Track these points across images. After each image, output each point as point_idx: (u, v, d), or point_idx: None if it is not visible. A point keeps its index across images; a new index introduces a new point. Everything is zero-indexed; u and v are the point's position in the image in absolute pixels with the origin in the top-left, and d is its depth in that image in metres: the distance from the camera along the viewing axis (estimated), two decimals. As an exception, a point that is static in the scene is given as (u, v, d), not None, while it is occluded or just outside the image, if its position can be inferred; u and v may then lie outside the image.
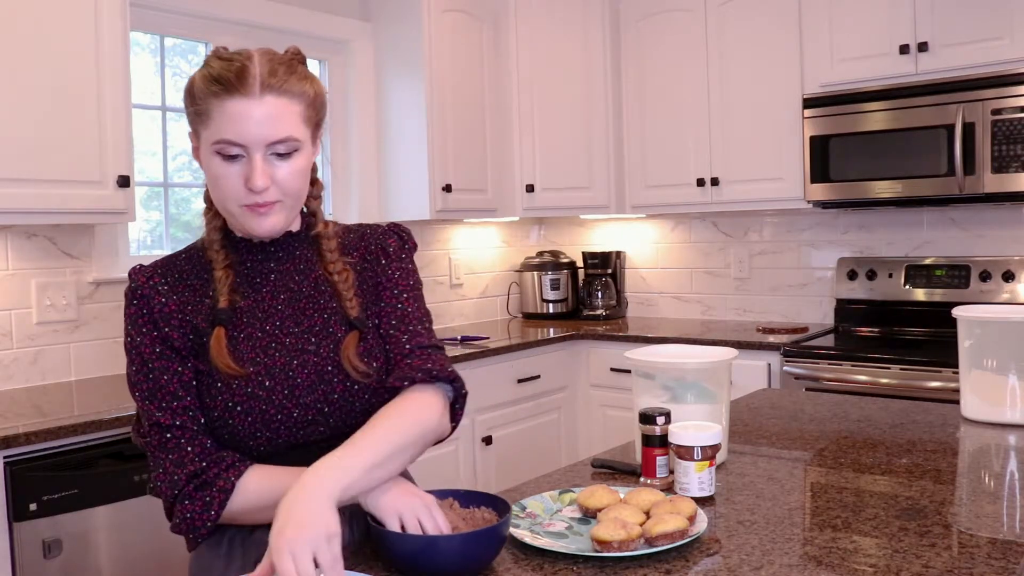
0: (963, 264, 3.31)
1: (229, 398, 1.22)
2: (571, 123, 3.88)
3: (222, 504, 1.18)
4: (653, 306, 4.24)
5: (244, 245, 1.31)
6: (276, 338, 1.26)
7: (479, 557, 1.09)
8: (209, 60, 1.23)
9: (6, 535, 1.93)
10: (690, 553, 1.15)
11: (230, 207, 1.23)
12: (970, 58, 2.99)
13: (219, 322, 1.24)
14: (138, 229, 3.03)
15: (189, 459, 1.20)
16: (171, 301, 1.25)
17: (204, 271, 1.29)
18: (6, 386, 2.55)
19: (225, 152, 1.19)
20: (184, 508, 1.19)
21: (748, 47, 3.51)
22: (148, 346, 1.23)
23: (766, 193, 3.50)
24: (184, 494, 1.19)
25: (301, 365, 1.25)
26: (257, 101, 1.18)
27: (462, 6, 3.59)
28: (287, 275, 1.31)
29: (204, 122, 1.20)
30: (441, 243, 4.01)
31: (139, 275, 1.27)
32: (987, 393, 1.82)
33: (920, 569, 1.07)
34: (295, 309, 1.29)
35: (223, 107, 1.18)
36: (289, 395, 1.24)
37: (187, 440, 1.21)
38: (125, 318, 1.27)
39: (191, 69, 3.19)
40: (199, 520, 1.18)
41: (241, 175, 1.20)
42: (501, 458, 3.33)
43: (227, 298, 1.25)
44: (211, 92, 1.19)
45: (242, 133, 1.18)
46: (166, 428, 1.21)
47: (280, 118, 1.20)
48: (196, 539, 1.22)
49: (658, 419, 1.43)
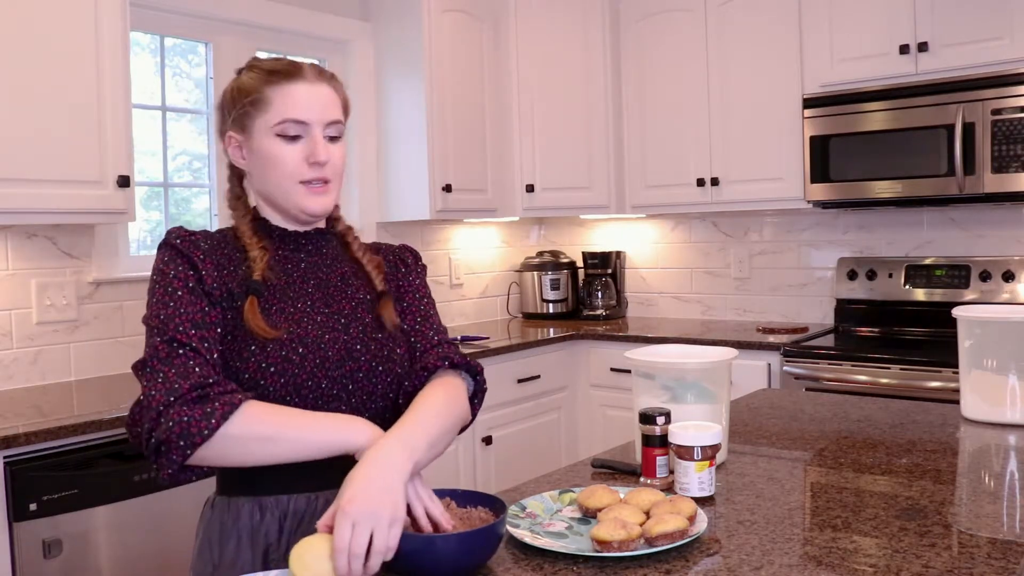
0: (963, 264, 3.30)
1: (263, 359, 1.24)
2: (571, 123, 3.88)
3: (224, 416, 1.13)
4: (653, 306, 4.24)
5: (278, 234, 1.37)
6: (307, 314, 1.32)
7: (476, 556, 1.09)
8: (252, 64, 1.35)
9: (6, 535, 1.93)
10: (690, 553, 1.15)
11: (288, 186, 1.31)
12: (970, 58, 2.99)
13: (253, 291, 1.27)
14: (138, 229, 3.03)
15: (195, 374, 1.16)
16: (209, 258, 1.28)
17: (237, 250, 1.33)
18: (6, 386, 2.55)
19: (287, 132, 1.29)
20: (181, 412, 1.13)
21: (748, 47, 3.51)
22: (180, 280, 1.24)
23: (766, 193, 3.50)
24: (183, 400, 1.14)
25: (332, 340, 1.31)
26: (315, 86, 1.32)
27: (462, 6, 3.59)
28: (316, 266, 1.38)
29: (263, 108, 1.30)
30: (441, 243, 4.01)
31: (179, 230, 1.31)
32: (987, 393, 1.82)
33: (920, 569, 1.07)
34: (324, 294, 1.36)
35: (285, 91, 1.29)
36: (320, 365, 1.28)
37: (196, 362, 1.18)
38: (157, 262, 1.28)
39: (191, 69, 3.19)
40: (196, 427, 1.12)
41: (302, 153, 1.30)
42: (501, 458, 3.33)
43: (261, 274, 1.29)
44: (270, 81, 1.30)
45: (307, 111, 1.29)
46: (178, 344, 1.18)
47: (333, 103, 1.34)
48: (186, 451, 1.12)
49: (658, 419, 1.43)
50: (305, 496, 1.29)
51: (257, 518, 1.28)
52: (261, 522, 1.28)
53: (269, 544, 1.27)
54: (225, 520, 1.29)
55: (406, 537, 1.07)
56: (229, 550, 1.28)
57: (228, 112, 1.34)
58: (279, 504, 1.28)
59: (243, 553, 1.27)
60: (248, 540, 1.28)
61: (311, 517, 1.28)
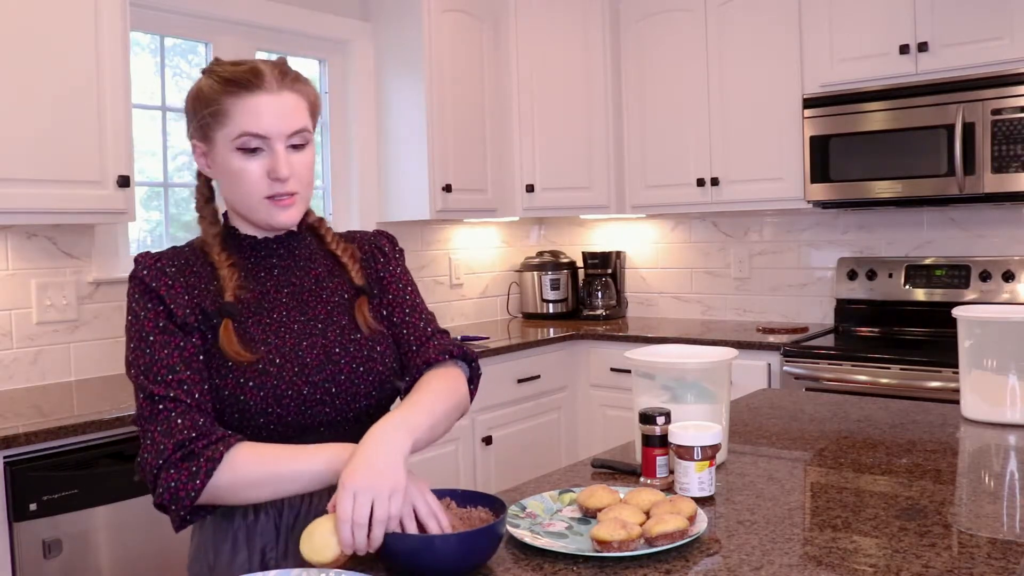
0: (963, 264, 3.30)
1: (240, 375, 1.23)
2: (571, 123, 3.88)
3: (208, 474, 1.15)
4: (653, 306, 4.24)
5: (248, 243, 1.34)
6: (284, 324, 1.31)
7: (476, 556, 1.09)
8: (212, 69, 1.29)
9: (6, 535, 1.93)
10: (690, 553, 1.15)
11: (252, 201, 1.28)
12: (970, 58, 2.99)
13: (226, 314, 1.26)
14: (138, 229, 3.03)
15: (178, 430, 1.17)
16: (177, 283, 1.27)
17: (207, 266, 1.31)
18: (6, 386, 2.55)
19: (247, 146, 1.25)
20: (169, 477, 1.16)
21: (748, 47, 3.51)
22: (151, 321, 1.23)
23: (766, 193, 3.50)
24: (169, 463, 1.16)
25: (310, 346, 1.30)
26: (276, 95, 1.26)
27: (462, 6, 3.59)
28: (289, 271, 1.36)
29: (222, 121, 1.25)
30: (441, 243, 4.01)
31: (145, 259, 1.29)
32: (987, 393, 1.82)
33: (920, 569, 1.07)
34: (299, 301, 1.34)
35: (244, 103, 1.24)
36: (299, 372, 1.27)
37: (178, 413, 1.19)
38: (128, 299, 1.27)
39: (191, 69, 3.19)
40: (183, 490, 1.15)
41: (263, 168, 1.26)
42: (501, 458, 3.33)
43: (233, 293, 1.27)
44: (228, 92, 1.24)
45: (265, 125, 1.24)
46: (158, 400, 1.19)
47: (296, 110, 1.28)
48: (180, 512, 1.17)
49: (658, 419, 1.43)
50: (299, 495, 1.28)
51: (251, 519, 1.28)
52: (256, 523, 1.28)
53: (266, 544, 1.28)
54: (219, 524, 1.29)
55: (406, 537, 1.07)
56: (225, 552, 1.28)
57: (190, 119, 1.30)
58: (273, 504, 1.28)
59: (239, 555, 1.27)
60: (244, 542, 1.27)
61: (306, 516, 1.28)
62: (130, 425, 2.11)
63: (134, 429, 2.12)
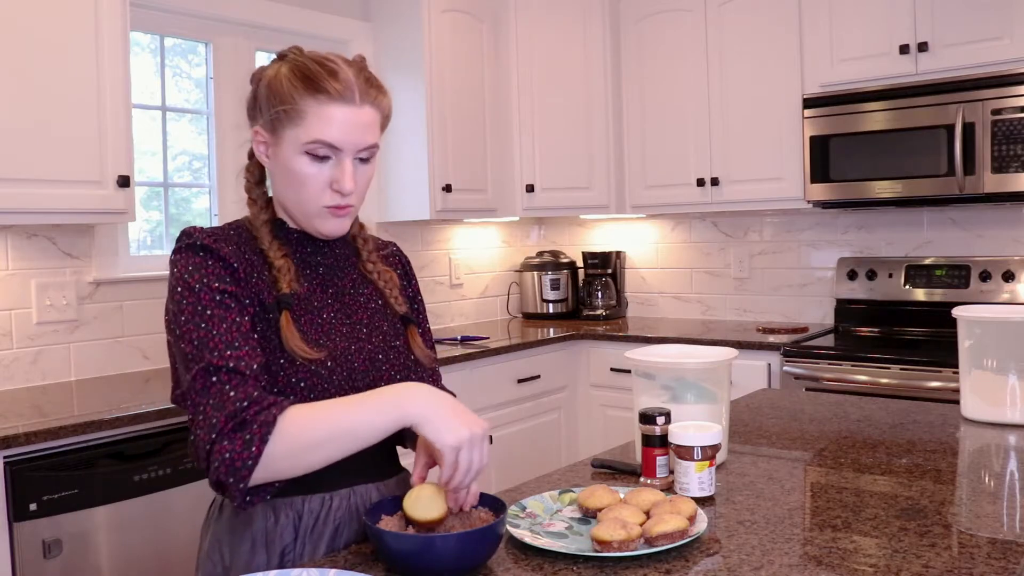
0: (963, 264, 3.31)
1: (292, 373, 1.22)
2: (571, 123, 3.88)
3: (263, 439, 1.09)
4: (653, 306, 4.24)
5: (296, 237, 1.34)
6: (334, 326, 1.31)
7: (476, 556, 1.09)
8: (294, 57, 1.25)
9: (6, 535, 1.93)
10: (690, 553, 1.15)
11: (309, 207, 1.27)
12: (970, 58, 2.99)
13: (285, 306, 1.24)
14: (138, 229, 3.03)
15: (230, 401, 1.12)
16: (235, 263, 1.24)
17: (255, 252, 1.28)
18: (6, 386, 2.55)
19: (316, 152, 1.23)
20: (223, 449, 1.10)
21: (748, 47, 3.51)
22: (207, 293, 1.19)
23: (766, 193, 3.50)
24: (222, 435, 1.10)
25: (359, 351, 1.31)
26: (357, 109, 1.23)
27: (462, 6, 3.59)
28: (331, 270, 1.37)
29: (296, 121, 1.22)
30: (441, 243, 4.01)
31: (199, 233, 1.25)
32: (987, 393, 1.82)
33: (920, 569, 1.07)
34: (342, 303, 1.35)
35: (323, 110, 1.21)
36: (347, 378, 1.27)
37: (232, 386, 1.14)
38: (179, 270, 1.21)
39: (191, 69, 3.19)
40: (239, 460, 1.09)
41: (327, 177, 1.24)
42: (501, 458, 3.33)
43: (289, 285, 1.26)
44: (308, 92, 1.21)
45: (341, 138, 1.22)
46: (214, 370, 1.14)
47: (371, 126, 1.26)
48: (239, 485, 1.10)
49: (658, 419, 1.43)
50: (319, 496, 1.26)
51: (271, 521, 1.25)
52: (276, 525, 1.25)
53: (285, 546, 1.25)
54: (236, 523, 1.27)
55: (406, 537, 1.08)
56: (243, 553, 1.26)
57: (260, 109, 1.27)
58: (292, 506, 1.26)
59: (258, 556, 1.25)
60: (263, 543, 1.25)
61: (326, 518, 1.27)
62: (129, 425, 2.11)
63: (134, 429, 2.13)
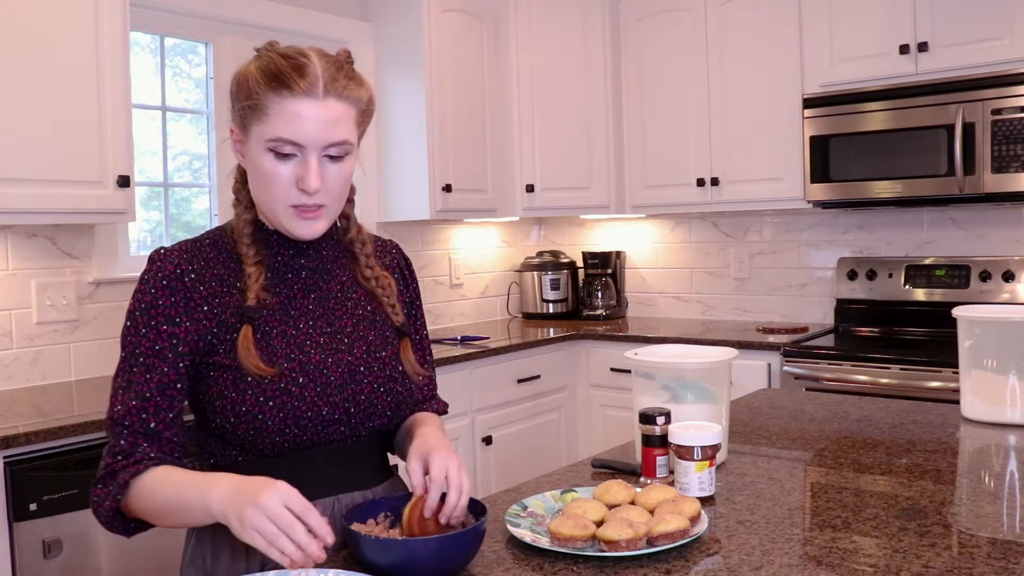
0: (963, 264, 3.30)
1: (260, 393, 1.20)
2: (571, 123, 3.88)
3: (118, 495, 1.17)
4: (653, 306, 4.24)
5: (276, 239, 1.29)
6: (310, 336, 1.26)
7: (456, 560, 1.09)
8: (264, 53, 1.22)
9: (6, 535, 1.93)
10: (690, 553, 1.15)
11: (276, 207, 1.22)
12: (970, 58, 2.99)
13: (247, 320, 1.21)
14: (138, 229, 3.03)
15: (113, 451, 1.20)
16: (196, 294, 1.22)
17: (232, 260, 1.26)
18: (6, 386, 2.55)
19: (279, 150, 1.18)
20: (95, 492, 1.20)
21: (748, 47, 3.51)
22: (148, 340, 1.20)
23: (766, 193, 3.50)
24: (98, 479, 1.20)
25: (335, 364, 1.26)
26: (320, 103, 1.17)
27: (462, 6, 3.59)
28: (317, 273, 1.32)
29: (259, 117, 1.18)
30: (441, 243, 4.01)
31: (165, 261, 1.23)
32: (987, 393, 1.82)
33: (920, 569, 1.07)
34: (325, 309, 1.30)
35: (284, 105, 1.16)
36: (321, 392, 1.24)
37: (125, 437, 1.19)
38: (134, 300, 1.22)
39: (191, 69, 3.19)
40: (101, 507, 1.19)
41: (292, 175, 1.19)
42: (501, 458, 3.33)
43: (256, 296, 1.23)
44: (271, 88, 1.17)
45: (302, 134, 1.17)
46: (116, 421, 1.20)
47: (339, 122, 1.19)
48: (105, 525, 1.22)
49: (658, 419, 1.43)
50: None
51: None
52: None
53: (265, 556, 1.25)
54: (218, 530, 1.23)
55: (386, 543, 1.07)
56: (223, 560, 1.25)
57: (232, 104, 1.24)
58: None
59: (237, 563, 1.24)
60: (243, 551, 1.24)
61: None
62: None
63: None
